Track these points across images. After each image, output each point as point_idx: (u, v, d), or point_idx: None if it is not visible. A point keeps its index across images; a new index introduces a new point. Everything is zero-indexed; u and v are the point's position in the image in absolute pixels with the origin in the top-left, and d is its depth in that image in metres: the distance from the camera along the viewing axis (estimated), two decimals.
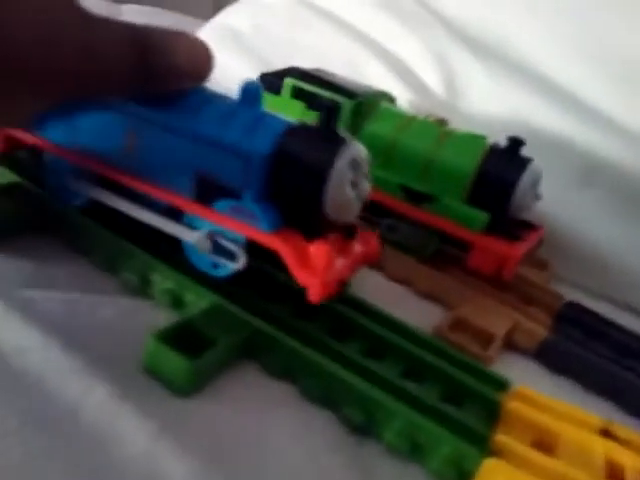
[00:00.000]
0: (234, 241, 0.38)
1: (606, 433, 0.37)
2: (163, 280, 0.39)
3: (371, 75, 0.74)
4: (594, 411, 0.42)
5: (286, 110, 0.58)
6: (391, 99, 0.61)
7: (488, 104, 0.69)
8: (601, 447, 0.36)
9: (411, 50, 0.76)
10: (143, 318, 0.38)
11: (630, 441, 0.37)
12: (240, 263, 0.38)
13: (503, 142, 0.51)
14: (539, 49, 0.70)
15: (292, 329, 0.38)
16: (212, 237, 0.38)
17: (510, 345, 0.48)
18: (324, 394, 0.36)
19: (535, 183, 0.51)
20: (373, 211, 0.52)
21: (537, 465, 0.33)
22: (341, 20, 0.83)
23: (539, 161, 0.58)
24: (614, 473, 0.35)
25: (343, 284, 0.39)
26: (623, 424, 0.41)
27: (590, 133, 0.64)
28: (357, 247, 0.39)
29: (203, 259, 0.39)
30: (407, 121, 0.55)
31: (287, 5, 0.89)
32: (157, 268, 0.40)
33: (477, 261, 0.50)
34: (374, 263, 0.44)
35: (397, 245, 0.54)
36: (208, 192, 0.37)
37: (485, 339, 0.46)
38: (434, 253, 0.53)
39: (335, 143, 0.36)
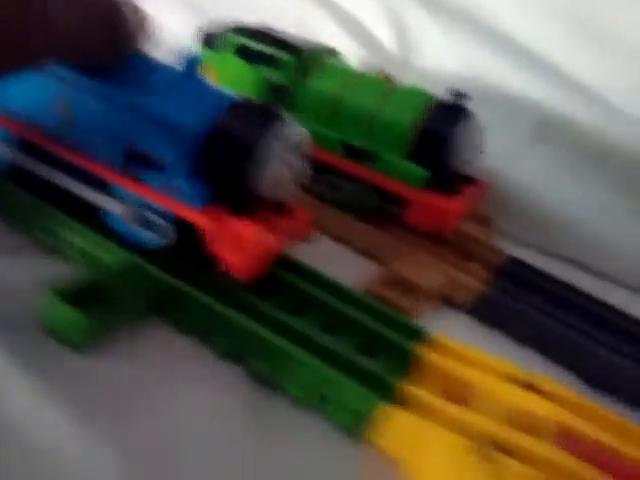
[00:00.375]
0: (163, 216, 0.38)
1: (530, 386, 0.37)
2: (78, 239, 0.39)
3: (321, 32, 0.72)
4: (524, 363, 0.42)
5: (226, 66, 0.56)
6: (337, 55, 0.58)
7: (441, 59, 0.68)
8: (514, 397, 0.36)
9: (363, 6, 0.74)
10: (50, 276, 0.37)
11: (552, 393, 0.37)
12: (168, 238, 0.38)
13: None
14: (492, 4, 0.69)
15: (206, 286, 0.37)
16: (140, 211, 0.38)
17: (446, 300, 0.48)
18: (233, 348, 0.36)
19: (476, 137, 0.50)
20: (315, 168, 0.51)
21: (441, 413, 0.33)
22: None
23: (491, 116, 0.57)
24: (530, 423, 0.35)
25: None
26: (553, 376, 0.41)
27: (543, 87, 0.63)
28: (286, 223, 0.39)
29: (128, 230, 0.39)
30: (353, 78, 0.54)
31: None
32: (73, 227, 0.40)
33: (416, 217, 0.50)
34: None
35: (336, 203, 0.53)
36: (137, 165, 0.37)
37: (417, 294, 0.46)
38: (375, 211, 0.53)
39: (272, 123, 0.36)
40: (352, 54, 0.68)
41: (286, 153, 0.36)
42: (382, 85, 0.53)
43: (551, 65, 0.65)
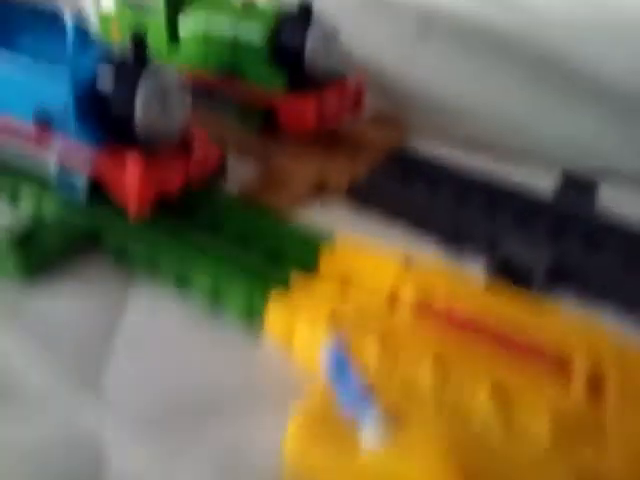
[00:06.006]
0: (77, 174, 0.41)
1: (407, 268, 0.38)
2: (27, 194, 0.44)
3: None
4: (398, 234, 0.46)
5: (119, 20, 0.58)
6: None
7: None
8: (390, 279, 0.37)
9: None
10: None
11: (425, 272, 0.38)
12: (81, 181, 0.41)
13: None
14: None
15: (127, 221, 0.40)
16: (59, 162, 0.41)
17: (322, 188, 0.50)
18: (150, 266, 0.39)
19: (327, 40, 0.50)
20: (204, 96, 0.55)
21: (324, 298, 0.35)
22: None
23: (379, 18, 0.61)
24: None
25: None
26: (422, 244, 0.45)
27: None
28: (192, 159, 0.42)
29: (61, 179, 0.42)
30: (214, 5, 0.55)
31: None
32: (23, 184, 0.45)
33: (283, 120, 0.51)
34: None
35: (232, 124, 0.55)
36: (47, 121, 0.41)
37: (290, 187, 0.48)
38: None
39: (138, 74, 0.38)
40: None
41: (156, 99, 0.38)
42: (237, 9, 0.53)
43: None
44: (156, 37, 0.55)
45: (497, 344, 0.32)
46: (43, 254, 0.39)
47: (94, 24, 0.60)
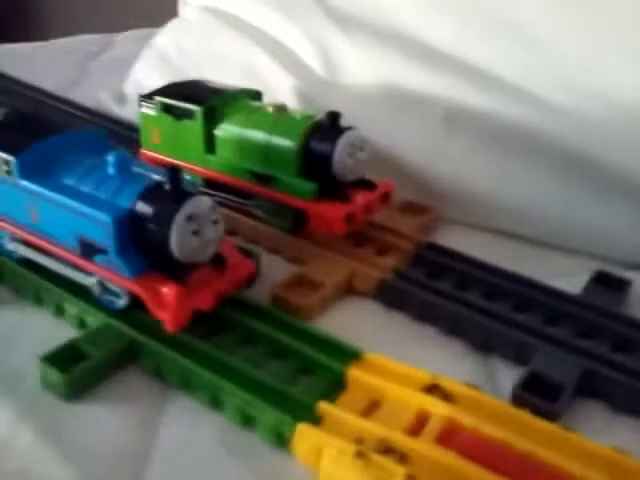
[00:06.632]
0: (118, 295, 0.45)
1: (434, 387, 0.39)
2: (71, 307, 0.47)
3: (262, 70, 0.76)
4: (426, 341, 0.47)
5: (159, 123, 0.61)
6: (256, 95, 0.61)
7: (361, 75, 0.69)
8: (416, 401, 0.38)
9: (293, 38, 0.77)
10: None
11: (452, 393, 0.38)
12: (123, 301, 0.45)
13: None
14: (403, 13, 0.69)
15: (163, 336, 0.43)
16: (101, 282, 0.45)
17: (351, 291, 0.51)
18: (183, 385, 0.41)
19: (355, 148, 0.52)
20: (239, 195, 0.58)
21: (347, 425, 0.36)
22: (239, 21, 0.85)
23: (408, 117, 0.64)
24: (424, 423, 0.37)
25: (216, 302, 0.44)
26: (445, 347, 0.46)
27: (450, 82, 0.64)
28: (226, 275, 0.45)
29: (100, 297, 0.46)
30: (249, 114, 0.57)
31: (198, 18, 0.92)
32: (67, 299, 0.47)
33: (313, 225, 0.52)
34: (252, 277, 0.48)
35: (265, 221, 0.57)
36: (89, 249, 0.44)
37: (320, 290, 0.49)
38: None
39: (175, 202, 0.41)
40: (287, 85, 0.72)
41: (191, 224, 0.41)
42: (270, 116, 0.55)
43: (458, 62, 0.64)
44: (194, 144, 0.58)
45: (519, 477, 0.32)
46: (88, 375, 0.41)
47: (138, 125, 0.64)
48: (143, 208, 0.42)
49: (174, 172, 0.41)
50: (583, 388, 0.41)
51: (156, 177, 0.44)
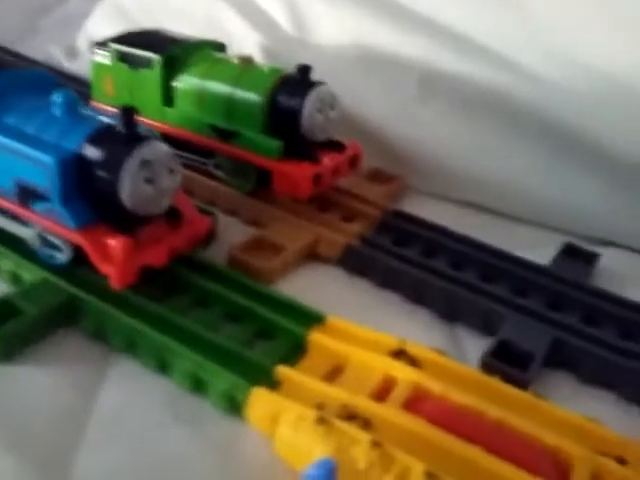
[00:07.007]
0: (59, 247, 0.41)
1: (400, 352, 0.37)
2: (5, 261, 0.42)
3: (227, 25, 0.72)
4: (391, 308, 0.44)
5: (114, 73, 0.56)
6: (220, 47, 0.58)
7: (333, 34, 0.66)
8: (382, 366, 0.36)
9: None
10: None
11: (420, 359, 0.36)
12: (64, 255, 0.41)
13: None
14: None
15: (107, 294, 0.39)
16: (40, 234, 0.41)
17: (314, 256, 0.48)
18: (128, 347, 0.37)
19: (325, 104, 0.49)
20: (197, 152, 0.54)
21: (308, 390, 0.34)
22: None
23: (380, 79, 0.60)
24: (390, 389, 0.34)
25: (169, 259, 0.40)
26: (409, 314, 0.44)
27: (426, 46, 0.61)
28: (181, 232, 0.41)
29: (38, 251, 0.42)
30: (212, 65, 0.53)
31: None
32: (1, 252, 0.43)
33: (278, 185, 0.49)
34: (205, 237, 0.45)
35: (225, 181, 0.54)
36: (29, 196, 0.40)
37: (282, 254, 0.46)
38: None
39: (127, 146, 0.37)
40: (255, 42, 0.69)
41: (144, 171, 0.37)
42: (235, 69, 0.51)
43: (435, 24, 0.62)
44: (150, 96, 0.54)
45: (491, 447, 0.30)
46: (21, 333, 0.37)
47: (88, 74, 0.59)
48: (91, 152, 0.38)
49: (128, 112, 0.37)
50: (552, 358, 0.39)
51: (107, 121, 0.40)
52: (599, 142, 0.52)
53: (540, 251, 0.50)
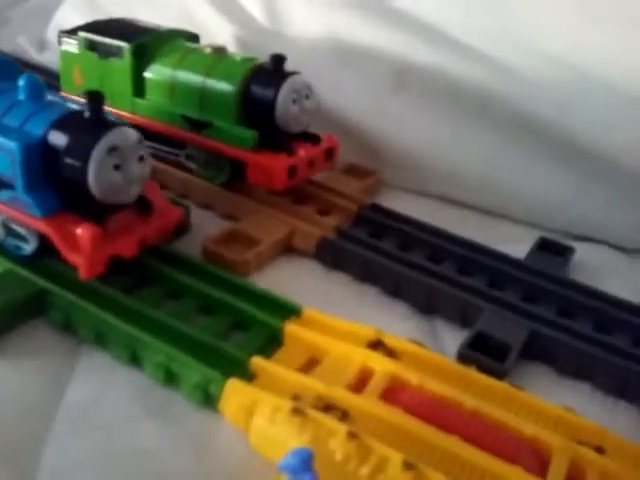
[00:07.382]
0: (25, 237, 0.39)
1: (377, 343, 0.36)
2: None
3: (200, 15, 0.71)
4: (368, 301, 0.44)
5: (82, 62, 0.54)
6: (192, 37, 0.56)
7: (307, 26, 0.65)
8: (359, 357, 0.35)
9: None
10: None
11: (397, 350, 0.36)
12: (31, 246, 0.39)
13: None
14: None
15: (76, 285, 0.38)
16: (5, 223, 0.40)
17: (291, 250, 0.47)
18: (97, 341, 0.36)
19: (300, 95, 0.48)
20: (169, 143, 0.53)
21: (284, 381, 0.33)
22: None
23: (354, 72, 0.60)
24: (367, 380, 0.34)
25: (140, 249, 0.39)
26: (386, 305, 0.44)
27: (400, 39, 0.61)
28: (151, 222, 0.40)
29: (8, 241, 0.40)
30: (183, 55, 0.52)
31: None
32: None
33: (252, 177, 0.48)
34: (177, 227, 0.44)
35: (198, 174, 0.52)
36: None
37: (256, 247, 0.45)
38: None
39: (95, 132, 0.36)
40: (228, 33, 0.67)
41: (112, 158, 0.36)
42: (207, 59, 0.50)
43: (409, 17, 0.61)
44: (120, 86, 0.52)
45: (469, 437, 0.30)
46: None
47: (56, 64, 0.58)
48: (57, 137, 0.36)
49: (95, 97, 0.36)
50: (528, 350, 0.39)
51: (74, 107, 0.38)
52: (573, 136, 0.52)
53: (515, 247, 0.49)
